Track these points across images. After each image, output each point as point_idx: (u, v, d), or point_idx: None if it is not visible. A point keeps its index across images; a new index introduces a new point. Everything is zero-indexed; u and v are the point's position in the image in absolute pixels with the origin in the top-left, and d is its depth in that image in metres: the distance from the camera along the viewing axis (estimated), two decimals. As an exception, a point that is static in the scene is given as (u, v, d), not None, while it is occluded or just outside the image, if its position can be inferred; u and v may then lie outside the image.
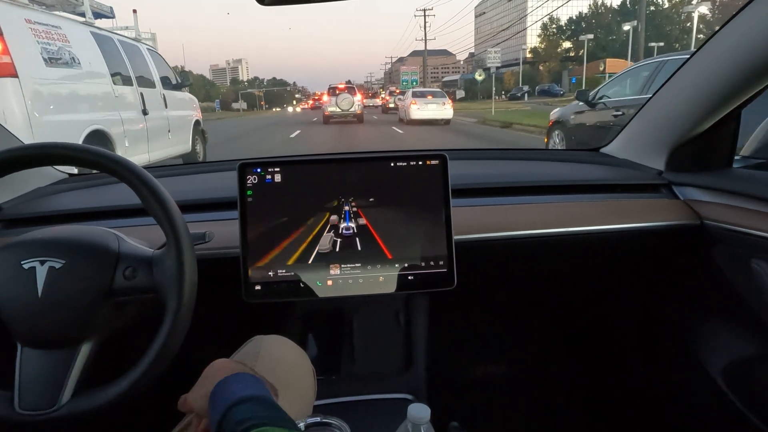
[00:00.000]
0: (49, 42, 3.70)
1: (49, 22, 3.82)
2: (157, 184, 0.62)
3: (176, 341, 0.60)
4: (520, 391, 1.37)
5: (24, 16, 3.52)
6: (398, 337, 1.12)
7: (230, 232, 0.80)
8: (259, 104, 70.56)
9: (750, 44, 0.75)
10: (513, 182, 1.03)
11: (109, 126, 4.30)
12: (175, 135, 5.83)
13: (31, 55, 3.47)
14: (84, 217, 0.91)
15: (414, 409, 0.58)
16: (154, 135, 5.20)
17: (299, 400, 0.71)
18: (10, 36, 3.25)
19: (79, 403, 0.59)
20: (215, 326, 1.03)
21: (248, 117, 28.28)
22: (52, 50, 3.72)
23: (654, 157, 1.06)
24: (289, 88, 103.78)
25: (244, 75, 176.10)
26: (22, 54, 3.35)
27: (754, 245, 0.81)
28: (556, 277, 1.22)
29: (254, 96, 75.52)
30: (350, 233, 0.81)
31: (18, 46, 3.31)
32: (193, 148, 6.43)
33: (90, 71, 4.24)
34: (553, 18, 66.91)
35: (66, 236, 0.63)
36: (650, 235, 0.97)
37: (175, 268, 0.60)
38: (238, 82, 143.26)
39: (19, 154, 0.63)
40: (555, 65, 60.36)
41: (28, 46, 3.46)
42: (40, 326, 0.59)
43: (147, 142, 5.04)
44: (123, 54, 4.91)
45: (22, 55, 3.33)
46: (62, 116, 3.73)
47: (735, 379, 0.90)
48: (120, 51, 4.88)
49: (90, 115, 4.11)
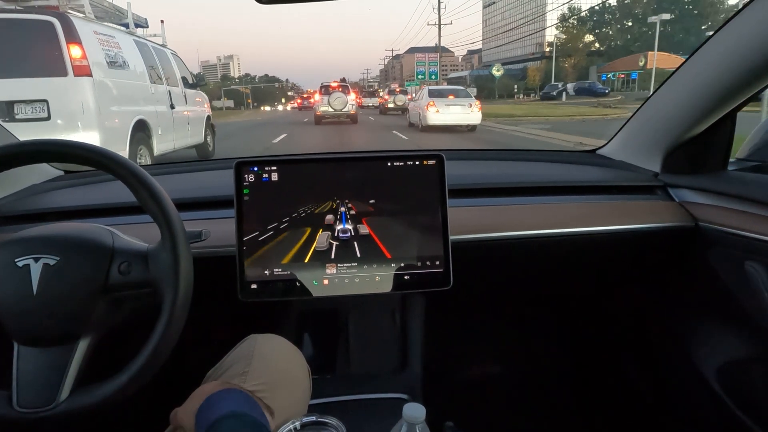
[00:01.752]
0: (109, 48, 4.70)
1: (108, 33, 4.84)
2: (151, 179, 0.62)
3: (173, 335, 0.60)
4: (516, 391, 1.37)
5: (92, 29, 4.52)
6: (394, 336, 1.12)
7: (226, 230, 0.79)
8: (247, 102, 66.47)
9: (745, 48, 0.75)
10: (510, 183, 1.03)
11: (149, 116, 5.25)
12: (193, 127, 6.83)
13: (99, 59, 4.45)
14: (79, 214, 0.90)
15: (409, 408, 0.56)
16: (178, 126, 6.18)
17: (294, 400, 0.71)
18: (86, 44, 4.23)
19: (78, 400, 0.59)
20: (211, 325, 1.04)
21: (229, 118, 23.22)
22: (111, 55, 4.72)
23: (650, 159, 1.06)
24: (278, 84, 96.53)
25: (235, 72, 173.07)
26: (93, 58, 4.32)
27: (749, 247, 0.81)
28: (552, 278, 1.21)
29: (241, 93, 70.71)
30: (347, 232, 0.81)
31: (90, 52, 4.29)
32: (205, 140, 7.44)
33: (135, 72, 5.26)
34: (573, 8, 59.15)
35: (60, 233, 0.63)
36: (645, 236, 0.97)
37: (170, 261, 0.60)
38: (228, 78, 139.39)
39: (14, 151, 0.62)
40: (580, 60, 52.68)
41: (96, 53, 4.43)
42: (36, 324, 0.59)
43: (173, 131, 6.01)
44: (156, 58, 5.92)
45: (93, 59, 4.30)
46: (120, 107, 4.68)
47: (729, 379, 0.90)
48: (153, 55, 5.89)
49: (137, 107, 5.08)
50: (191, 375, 0.72)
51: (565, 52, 54.09)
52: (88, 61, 4.19)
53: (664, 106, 0.99)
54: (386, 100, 22.27)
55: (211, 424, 0.51)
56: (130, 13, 5.87)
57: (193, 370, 0.74)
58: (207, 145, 7.51)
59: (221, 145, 8.46)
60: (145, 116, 5.16)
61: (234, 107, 59.09)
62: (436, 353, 1.21)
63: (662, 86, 0.99)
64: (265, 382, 0.66)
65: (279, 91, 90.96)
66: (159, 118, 5.58)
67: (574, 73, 50.42)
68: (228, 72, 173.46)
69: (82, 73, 4.14)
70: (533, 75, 53.22)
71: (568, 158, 1.26)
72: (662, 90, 0.99)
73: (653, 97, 1.02)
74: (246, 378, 0.66)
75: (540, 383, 1.39)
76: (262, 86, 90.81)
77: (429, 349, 1.14)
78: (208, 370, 0.72)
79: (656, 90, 1.01)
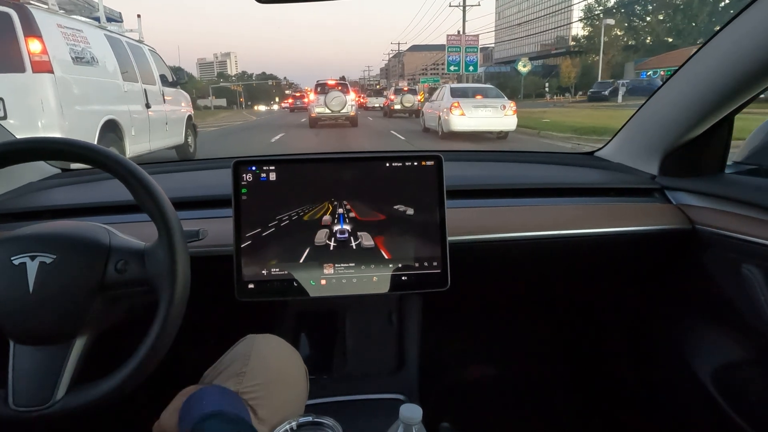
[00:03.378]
0: (75, 43, 4.37)
1: (74, 27, 4.48)
2: (148, 177, 0.62)
3: (170, 334, 0.60)
4: (512, 392, 1.37)
5: (56, 22, 4.18)
6: (391, 337, 1.12)
7: (224, 229, 0.79)
8: (239, 101, 63.18)
9: (743, 51, 0.75)
10: (508, 184, 1.03)
11: (120, 116, 4.93)
12: (171, 127, 6.47)
13: (62, 54, 4.11)
14: (76, 212, 0.90)
15: (406, 409, 0.57)
16: (155, 126, 5.84)
17: (291, 400, 0.71)
18: (47, 39, 3.91)
19: (74, 399, 0.59)
20: (207, 325, 1.03)
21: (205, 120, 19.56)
22: (77, 51, 4.38)
23: (647, 162, 1.06)
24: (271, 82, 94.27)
25: (232, 69, 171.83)
26: (56, 53, 3.99)
27: (745, 250, 0.81)
28: (549, 280, 1.22)
29: (234, 91, 67.96)
30: (344, 233, 0.81)
31: (52, 47, 3.96)
32: (186, 140, 7.09)
33: (105, 69, 4.91)
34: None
35: (56, 231, 0.63)
36: (642, 238, 0.97)
37: (167, 260, 0.60)
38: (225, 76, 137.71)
39: (10, 148, 0.62)
40: (615, 55, 45.52)
41: (60, 48, 4.09)
42: (32, 322, 0.59)
43: (149, 132, 5.69)
44: (130, 54, 5.56)
45: (55, 55, 3.97)
46: (86, 107, 4.36)
47: (725, 382, 0.91)
48: (127, 51, 5.53)
49: (106, 106, 4.75)
50: (188, 375, 0.71)
51: (595, 47, 46.43)
52: (49, 56, 3.87)
53: (662, 109, 0.99)
54: (392, 100, 19.51)
55: (194, 423, 0.51)
56: (101, 5, 5.51)
57: (190, 369, 0.73)
58: (188, 146, 7.18)
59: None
60: (116, 116, 4.84)
61: (226, 106, 57.84)
62: (433, 354, 1.21)
63: (660, 89, 0.99)
64: (262, 382, 0.67)
65: (275, 89, 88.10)
66: (133, 118, 5.26)
67: (607, 69, 42.30)
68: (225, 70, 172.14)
69: (41, 69, 3.82)
70: (567, 71, 44.12)
71: (566, 160, 1.26)
72: (660, 93, 0.99)
73: (651, 99, 1.02)
74: (243, 378, 0.66)
75: (536, 384, 1.38)
76: (254, 83, 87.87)
77: (426, 349, 1.14)
78: (205, 369, 0.72)
79: (654, 93, 1.01)
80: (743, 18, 0.75)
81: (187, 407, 0.57)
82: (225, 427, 0.52)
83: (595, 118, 13.05)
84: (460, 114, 9.52)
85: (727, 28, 0.78)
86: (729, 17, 0.78)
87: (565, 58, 48.96)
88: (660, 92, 0.99)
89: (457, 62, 22.89)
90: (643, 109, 1.06)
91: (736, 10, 0.76)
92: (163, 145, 6.25)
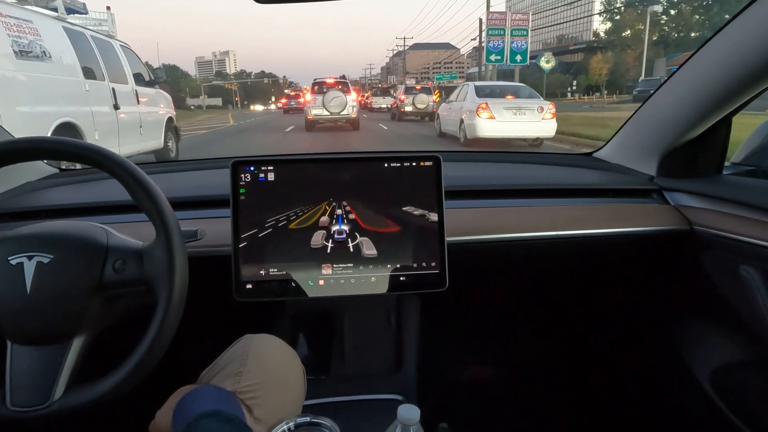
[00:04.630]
0: (19, 35, 3.77)
1: (20, 16, 3.89)
2: (146, 177, 0.62)
3: (168, 334, 0.60)
4: (510, 393, 1.37)
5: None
6: (389, 337, 1.12)
7: (222, 229, 0.79)
8: (235, 101, 61.41)
9: (742, 52, 0.76)
10: (506, 185, 1.03)
11: (79, 119, 4.37)
12: (147, 130, 5.88)
13: (2, 48, 3.54)
14: (74, 212, 0.90)
15: (404, 409, 0.58)
16: (126, 129, 5.26)
17: (289, 400, 0.71)
18: (-20, 28, 3.33)
19: (72, 399, 0.59)
20: (205, 325, 1.03)
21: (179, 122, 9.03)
22: (23, 44, 3.79)
23: (646, 163, 1.06)
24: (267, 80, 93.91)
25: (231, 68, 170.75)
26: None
27: (743, 251, 0.82)
28: (547, 280, 1.22)
29: (230, 91, 65.84)
30: (343, 233, 0.81)
31: (-12, 38, 3.39)
32: (165, 145, 6.49)
33: (61, 65, 4.31)
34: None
35: (53, 231, 0.62)
36: (641, 239, 0.97)
37: (165, 259, 0.60)
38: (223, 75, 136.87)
39: (8, 148, 0.62)
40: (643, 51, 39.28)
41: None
42: (29, 322, 0.59)
43: (118, 136, 5.10)
44: (95, 49, 4.98)
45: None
46: (32, 108, 3.82)
47: (723, 383, 0.91)
48: (92, 46, 4.94)
49: (60, 107, 4.19)
50: (186, 375, 0.71)
51: (623, 42, 42.97)
52: (-21, 48, 3.29)
53: (661, 110, 0.99)
54: (402, 100, 16.19)
55: (188, 423, 0.51)
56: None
57: (188, 369, 0.73)
58: (168, 150, 6.57)
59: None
60: (74, 118, 4.27)
61: (222, 106, 57.10)
62: (431, 355, 1.20)
63: (659, 90, 0.99)
64: (260, 382, 0.67)
65: (274, 88, 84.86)
66: (96, 120, 4.67)
67: (636, 65, 38.48)
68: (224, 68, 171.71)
69: (-28, 64, 3.25)
70: (598, 67, 39.70)
71: (564, 161, 1.26)
72: (659, 93, 0.99)
73: (650, 100, 1.02)
74: (240, 378, 0.66)
75: (534, 385, 1.38)
76: (248, 82, 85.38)
77: (424, 350, 1.14)
78: (202, 369, 0.72)
79: (653, 93, 1.01)
80: (741, 20, 0.75)
81: (182, 406, 0.57)
82: (219, 426, 0.52)
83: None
84: (488, 117, 7.78)
85: (725, 30, 0.79)
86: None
87: (596, 53, 43.94)
88: (658, 93, 1.00)
89: (500, 50, 16.87)
90: (641, 110, 1.06)
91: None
92: (137, 150, 5.66)
